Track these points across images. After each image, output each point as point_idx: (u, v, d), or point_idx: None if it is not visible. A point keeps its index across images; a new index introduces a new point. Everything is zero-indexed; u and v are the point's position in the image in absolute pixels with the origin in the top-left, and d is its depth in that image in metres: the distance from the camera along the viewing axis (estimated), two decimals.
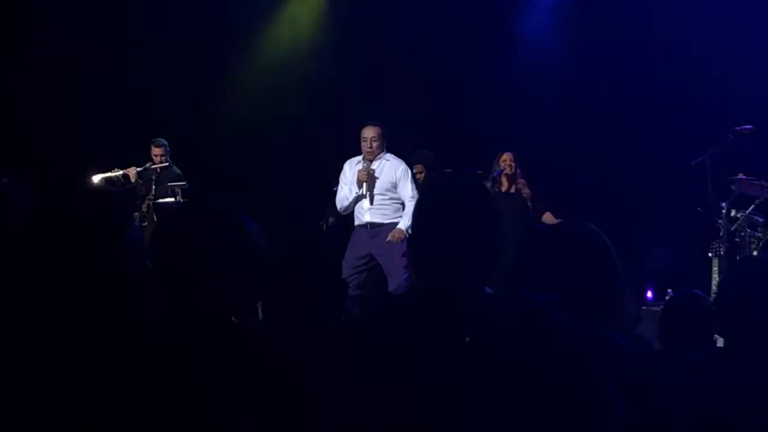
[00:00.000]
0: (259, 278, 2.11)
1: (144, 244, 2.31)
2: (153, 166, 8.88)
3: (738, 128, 7.73)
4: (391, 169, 7.29)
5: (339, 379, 1.94)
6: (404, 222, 7.14)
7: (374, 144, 7.24)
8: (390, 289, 6.97)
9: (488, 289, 2.26)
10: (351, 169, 7.40)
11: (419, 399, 1.84)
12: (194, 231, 2.01)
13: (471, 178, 2.18)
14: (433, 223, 2.09)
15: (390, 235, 7.13)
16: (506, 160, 8.26)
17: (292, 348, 2.06)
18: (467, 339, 1.78)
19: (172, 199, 8.83)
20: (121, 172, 8.85)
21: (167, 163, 8.94)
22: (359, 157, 7.39)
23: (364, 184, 7.25)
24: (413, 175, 7.56)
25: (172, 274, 1.98)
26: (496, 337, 1.88)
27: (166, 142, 9.04)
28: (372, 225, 7.25)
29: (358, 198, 7.28)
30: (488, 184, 8.37)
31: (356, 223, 7.40)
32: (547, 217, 8.01)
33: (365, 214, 7.28)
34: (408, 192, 7.24)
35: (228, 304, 2.07)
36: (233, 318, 2.10)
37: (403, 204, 7.31)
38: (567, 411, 1.86)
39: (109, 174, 8.81)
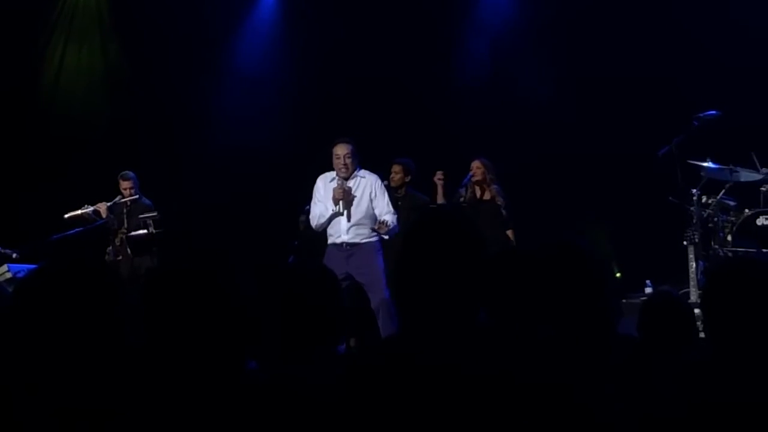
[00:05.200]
0: (247, 330, 2.12)
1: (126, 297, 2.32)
2: (123, 200, 8.84)
3: (703, 114, 7.80)
4: (368, 186, 7.16)
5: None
6: (386, 221, 7.02)
7: (348, 161, 7.08)
8: (373, 306, 6.88)
9: (482, 316, 2.24)
10: (325, 185, 7.21)
11: None
12: (178, 298, 2.03)
13: (450, 211, 2.17)
14: (418, 263, 2.07)
15: (378, 225, 7.01)
16: (475, 166, 8.31)
17: (290, 397, 2.06)
18: None
19: (145, 231, 8.79)
20: (91, 208, 8.78)
21: (137, 196, 8.90)
22: (332, 173, 7.20)
23: (341, 201, 7.09)
24: (388, 178, 7.60)
25: (161, 340, 2.00)
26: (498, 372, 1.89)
27: (134, 175, 9.03)
28: (349, 245, 7.08)
29: (334, 215, 7.10)
30: (461, 191, 8.41)
31: (330, 241, 7.18)
32: (510, 233, 8.26)
33: (343, 233, 7.10)
34: (384, 207, 7.15)
35: (221, 358, 2.07)
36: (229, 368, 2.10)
37: None
38: None
39: (79, 211, 8.74)
